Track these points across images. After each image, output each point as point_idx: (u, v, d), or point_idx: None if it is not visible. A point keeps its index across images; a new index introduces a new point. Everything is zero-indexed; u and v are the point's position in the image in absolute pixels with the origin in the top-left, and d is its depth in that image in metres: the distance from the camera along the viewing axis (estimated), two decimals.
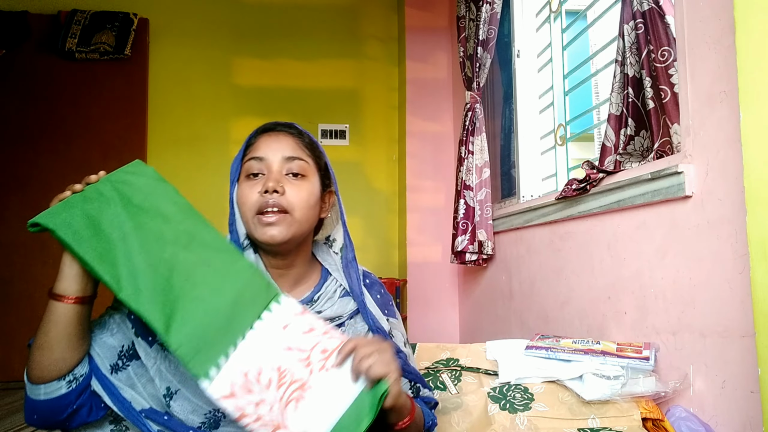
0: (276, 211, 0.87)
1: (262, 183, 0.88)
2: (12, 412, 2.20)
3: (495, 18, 2.28)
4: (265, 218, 0.86)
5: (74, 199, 0.80)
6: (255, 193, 0.88)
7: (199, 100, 3.23)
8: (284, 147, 0.91)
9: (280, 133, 0.93)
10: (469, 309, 2.81)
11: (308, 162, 0.92)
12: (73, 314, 0.80)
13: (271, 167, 0.89)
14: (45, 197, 0.81)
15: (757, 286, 0.85)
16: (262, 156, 0.90)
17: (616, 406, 1.15)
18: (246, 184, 0.90)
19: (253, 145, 0.93)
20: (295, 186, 0.89)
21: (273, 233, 0.86)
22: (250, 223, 0.88)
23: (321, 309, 0.93)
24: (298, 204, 0.88)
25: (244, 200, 0.88)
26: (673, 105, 1.30)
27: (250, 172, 0.90)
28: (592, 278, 1.60)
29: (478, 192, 2.35)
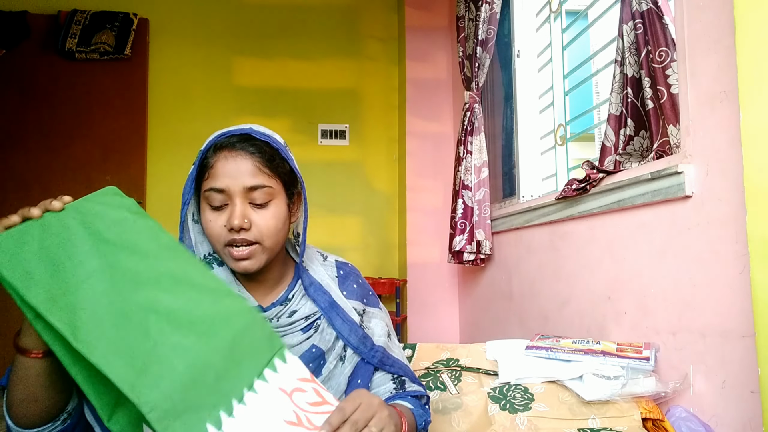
0: (245, 245, 0.85)
1: (226, 215, 0.85)
2: None
3: (494, 18, 2.28)
4: (236, 252, 0.84)
5: (31, 229, 0.63)
6: (220, 226, 0.85)
7: (199, 99, 3.23)
8: (244, 173, 0.84)
9: (238, 154, 0.85)
10: (469, 309, 2.81)
11: (272, 185, 0.87)
12: (46, 367, 0.68)
13: (233, 199, 0.84)
14: (45, 197, 0.75)
15: (757, 286, 0.85)
16: (222, 187, 0.84)
17: (616, 407, 1.15)
18: (210, 213, 0.86)
19: (212, 168, 0.85)
20: (262, 215, 0.86)
21: (245, 266, 0.85)
22: (221, 253, 0.87)
23: (296, 308, 0.93)
24: (267, 233, 0.86)
25: (210, 232, 0.86)
26: (670, 106, 1.30)
27: (211, 204, 0.86)
28: (592, 278, 1.60)
29: (476, 192, 2.35)
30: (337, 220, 3.23)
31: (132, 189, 3.05)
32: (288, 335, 0.91)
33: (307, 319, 0.93)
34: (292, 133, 3.29)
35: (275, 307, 0.92)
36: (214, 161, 0.86)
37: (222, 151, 0.86)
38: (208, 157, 0.87)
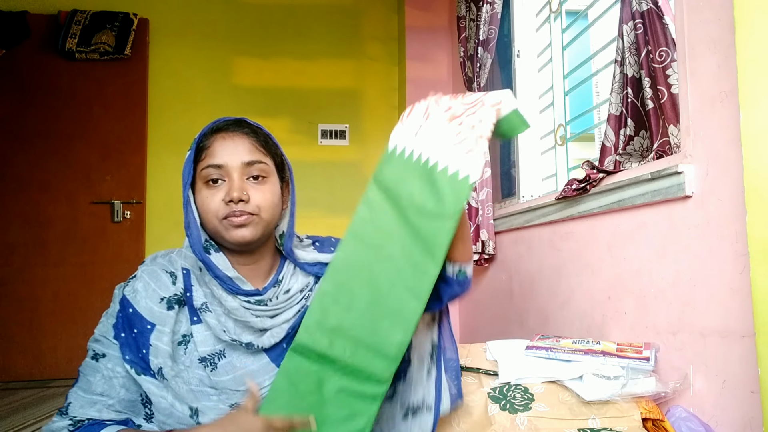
0: (245, 213, 0.88)
1: (224, 190, 0.87)
2: (12, 412, 2.20)
3: (495, 18, 2.28)
4: (236, 220, 0.87)
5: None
6: (218, 201, 0.87)
7: (199, 100, 3.23)
8: (242, 151, 0.89)
9: (234, 134, 0.90)
10: (469, 309, 2.82)
11: (267, 162, 0.92)
12: None
13: (231, 174, 0.88)
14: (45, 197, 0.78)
15: (757, 286, 0.85)
16: (221, 163, 0.88)
17: (616, 407, 1.15)
18: (207, 191, 0.88)
19: (208, 149, 0.89)
20: (259, 189, 0.89)
21: (244, 234, 0.88)
22: (218, 227, 0.88)
23: (288, 287, 0.95)
24: (264, 206, 0.89)
25: (208, 207, 0.88)
26: (670, 106, 1.30)
27: (209, 179, 0.88)
28: (592, 278, 1.60)
29: (480, 192, 2.35)
30: (338, 220, 3.23)
31: (132, 189, 3.05)
32: (286, 310, 0.94)
33: (301, 292, 0.96)
34: (292, 133, 3.29)
35: (270, 288, 0.94)
36: (211, 142, 0.90)
37: (219, 133, 0.91)
38: (205, 140, 0.90)
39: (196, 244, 0.89)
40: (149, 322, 0.87)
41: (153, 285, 0.89)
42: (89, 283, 2.95)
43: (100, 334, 0.89)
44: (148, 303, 0.88)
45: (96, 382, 0.86)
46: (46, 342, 2.92)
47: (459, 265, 0.95)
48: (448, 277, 0.95)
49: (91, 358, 0.88)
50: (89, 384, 0.86)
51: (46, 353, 2.92)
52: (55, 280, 2.95)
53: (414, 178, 0.86)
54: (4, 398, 2.49)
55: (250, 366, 0.90)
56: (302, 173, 3.25)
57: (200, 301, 0.90)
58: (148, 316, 0.87)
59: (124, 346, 0.86)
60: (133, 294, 0.88)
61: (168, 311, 0.88)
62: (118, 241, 3.02)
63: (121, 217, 3.04)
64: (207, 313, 0.89)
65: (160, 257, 0.94)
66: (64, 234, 2.99)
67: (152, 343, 0.86)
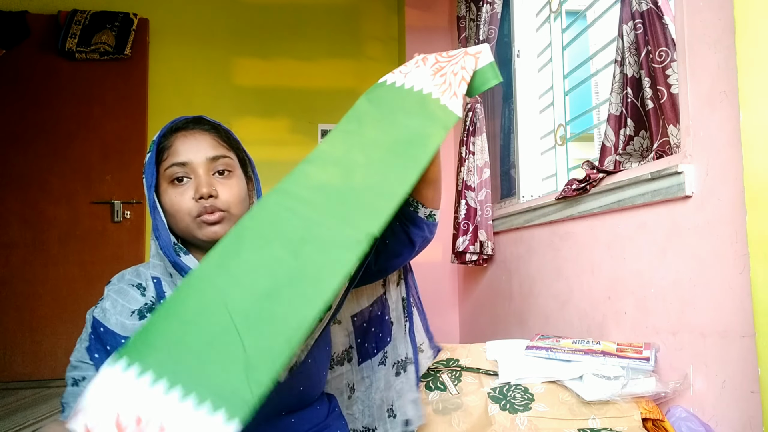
0: (216, 210, 0.87)
1: (192, 188, 0.87)
2: (12, 412, 2.20)
3: (495, 18, 2.28)
4: (209, 217, 0.86)
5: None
6: (188, 200, 0.86)
7: (199, 100, 3.23)
8: (205, 147, 0.88)
9: (195, 131, 0.90)
10: (469, 309, 2.81)
11: (231, 157, 0.91)
12: None
13: (196, 170, 0.87)
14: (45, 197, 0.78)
15: (757, 286, 0.85)
16: (185, 160, 0.87)
17: (616, 407, 1.15)
18: (173, 191, 0.87)
19: (170, 148, 0.88)
20: (226, 185, 0.89)
21: (216, 230, 0.87)
22: (190, 226, 0.87)
23: None
24: (233, 202, 0.89)
25: (178, 207, 0.87)
26: (670, 106, 1.30)
27: (173, 177, 0.87)
28: (592, 278, 1.60)
29: (478, 192, 2.35)
30: None
31: (132, 189, 3.05)
32: None
33: None
34: (292, 133, 3.29)
35: None
36: (172, 141, 0.89)
37: (179, 132, 0.90)
38: (164, 140, 0.89)
39: (166, 246, 0.87)
40: (122, 336, 0.85)
41: (121, 301, 0.87)
42: (89, 283, 2.95)
43: (76, 361, 0.86)
44: (118, 319, 0.86)
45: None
46: (46, 342, 2.92)
47: (430, 210, 1.00)
48: (420, 219, 1.00)
49: (72, 385, 0.85)
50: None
51: (46, 353, 2.92)
52: (55, 280, 2.95)
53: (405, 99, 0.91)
54: (4, 398, 2.50)
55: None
56: None
57: None
58: (120, 332, 0.85)
59: (100, 365, 0.84)
60: (103, 313, 0.86)
61: (140, 321, 0.86)
62: (118, 241, 3.02)
63: (121, 217, 3.04)
64: None
65: (128, 274, 0.92)
66: (64, 234, 2.99)
67: None
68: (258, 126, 3.26)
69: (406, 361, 1.08)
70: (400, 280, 1.12)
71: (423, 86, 0.92)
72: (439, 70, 0.93)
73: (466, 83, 0.90)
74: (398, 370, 1.07)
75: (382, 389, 1.06)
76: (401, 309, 1.10)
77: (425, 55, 0.98)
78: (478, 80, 0.94)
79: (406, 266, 1.12)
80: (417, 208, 1.00)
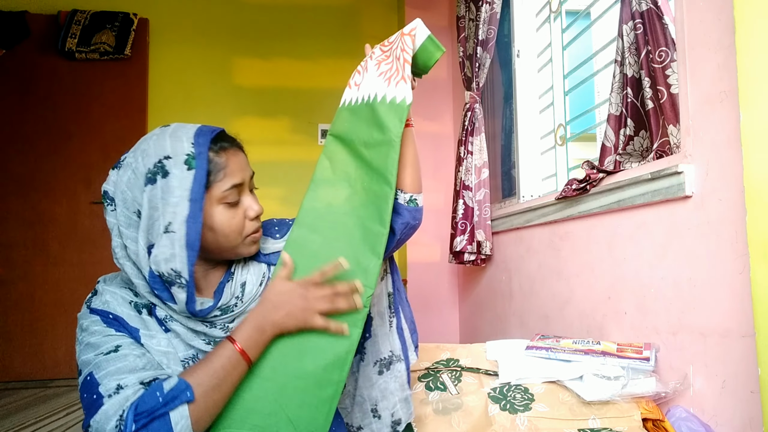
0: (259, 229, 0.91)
1: (241, 208, 0.88)
2: (12, 412, 2.20)
3: (495, 18, 2.28)
4: (257, 236, 0.91)
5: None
6: (241, 219, 0.87)
7: (199, 100, 3.23)
8: (246, 164, 0.90)
9: (236, 149, 0.89)
10: (469, 309, 2.81)
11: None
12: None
13: (245, 190, 0.89)
14: (45, 197, 0.77)
15: (757, 286, 0.85)
16: (241, 182, 0.87)
17: (616, 407, 1.15)
18: (227, 212, 0.85)
19: (226, 168, 0.84)
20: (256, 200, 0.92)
21: (258, 246, 0.93)
22: (238, 245, 0.88)
23: (243, 280, 0.93)
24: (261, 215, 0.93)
25: (233, 228, 0.86)
26: (669, 106, 1.30)
27: (229, 200, 0.85)
28: (592, 278, 1.60)
29: (476, 192, 2.35)
30: None
31: None
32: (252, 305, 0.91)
33: (261, 285, 0.94)
34: (292, 133, 3.29)
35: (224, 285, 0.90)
36: (225, 159, 0.85)
37: (229, 149, 0.88)
38: (216, 156, 0.84)
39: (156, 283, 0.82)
40: (132, 327, 0.82)
41: (120, 293, 0.85)
42: (89, 283, 2.93)
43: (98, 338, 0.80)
44: (123, 310, 0.84)
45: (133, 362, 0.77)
46: (46, 342, 2.92)
47: (410, 195, 1.01)
48: (400, 205, 0.99)
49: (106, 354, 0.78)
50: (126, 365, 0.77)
51: (46, 353, 2.92)
52: (55, 280, 2.95)
53: (360, 120, 0.97)
54: (4, 398, 2.50)
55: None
56: (302, 173, 3.26)
57: (163, 314, 0.86)
58: (129, 321, 0.83)
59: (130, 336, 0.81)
60: (105, 305, 0.83)
61: (140, 315, 0.84)
62: None
63: None
64: (173, 323, 0.85)
65: (109, 279, 0.89)
66: (64, 234, 2.99)
67: (143, 343, 0.82)
68: (258, 126, 3.26)
69: (392, 359, 1.04)
70: (386, 275, 1.09)
71: (373, 91, 0.97)
72: (384, 60, 0.99)
73: (409, 64, 0.94)
74: (381, 369, 1.04)
75: (366, 387, 1.04)
76: (386, 304, 1.08)
77: (372, 50, 1.04)
78: (423, 56, 0.98)
79: (392, 259, 1.11)
80: (396, 195, 0.99)
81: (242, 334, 0.83)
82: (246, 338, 0.83)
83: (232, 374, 0.80)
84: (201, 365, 0.79)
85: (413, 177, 1.02)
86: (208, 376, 0.78)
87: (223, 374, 0.79)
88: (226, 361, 0.80)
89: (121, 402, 0.72)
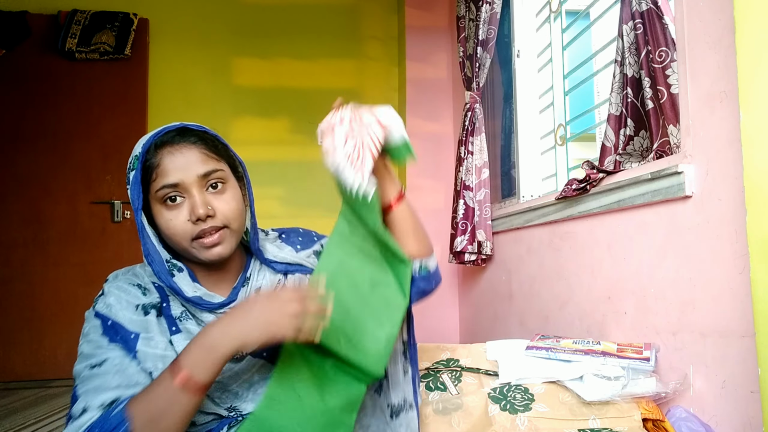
0: (214, 231, 0.84)
1: (186, 208, 0.83)
2: (12, 412, 2.20)
3: (495, 18, 2.28)
4: (208, 240, 0.83)
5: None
6: (183, 221, 0.83)
7: (199, 100, 3.23)
8: (194, 162, 0.83)
9: (182, 146, 0.84)
10: (469, 309, 2.81)
11: (223, 168, 0.87)
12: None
13: (189, 190, 0.83)
14: (45, 197, 0.77)
15: (757, 286, 0.85)
16: (176, 181, 0.82)
17: (616, 407, 1.15)
18: (168, 212, 0.83)
19: (158, 167, 0.82)
20: (222, 199, 0.85)
21: (219, 251, 0.85)
22: (189, 249, 0.84)
23: (258, 285, 0.92)
24: (232, 216, 0.86)
25: (174, 231, 0.83)
26: (670, 106, 1.30)
27: (165, 198, 0.83)
28: (592, 278, 1.60)
29: (477, 192, 2.35)
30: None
31: None
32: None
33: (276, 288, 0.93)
34: (292, 133, 3.29)
35: (239, 289, 0.90)
36: (158, 159, 0.83)
37: (164, 148, 0.84)
38: (150, 158, 0.84)
39: (161, 271, 0.84)
40: (131, 331, 0.82)
41: (124, 296, 0.84)
42: (89, 283, 2.94)
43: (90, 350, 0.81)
44: (125, 314, 0.83)
45: (108, 380, 0.77)
46: (46, 342, 2.92)
47: (419, 261, 0.96)
48: (414, 278, 0.96)
49: (90, 369, 0.78)
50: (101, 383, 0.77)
51: (46, 353, 2.92)
52: (55, 280, 2.95)
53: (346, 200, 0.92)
54: (4, 398, 2.50)
55: (234, 367, 0.88)
56: (302, 173, 3.26)
57: (179, 311, 0.86)
58: (129, 326, 0.82)
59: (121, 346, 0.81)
60: (108, 309, 0.83)
61: (145, 316, 0.84)
62: (118, 241, 3.02)
63: (121, 217, 3.04)
64: (187, 321, 0.86)
65: (121, 274, 0.89)
66: (64, 234, 2.99)
67: (139, 349, 0.81)
68: (258, 126, 3.26)
69: (404, 406, 0.99)
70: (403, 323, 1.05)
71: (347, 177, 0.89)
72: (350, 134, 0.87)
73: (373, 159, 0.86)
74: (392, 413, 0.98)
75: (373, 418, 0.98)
76: (400, 350, 1.02)
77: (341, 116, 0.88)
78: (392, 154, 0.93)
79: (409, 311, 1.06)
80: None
81: (188, 356, 0.73)
82: (192, 360, 0.73)
83: (174, 405, 0.72)
84: (145, 393, 0.74)
85: (417, 244, 0.97)
86: (148, 408, 0.72)
87: (163, 405, 0.72)
88: (164, 391, 0.72)
89: (75, 429, 0.73)
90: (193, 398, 0.73)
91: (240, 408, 0.87)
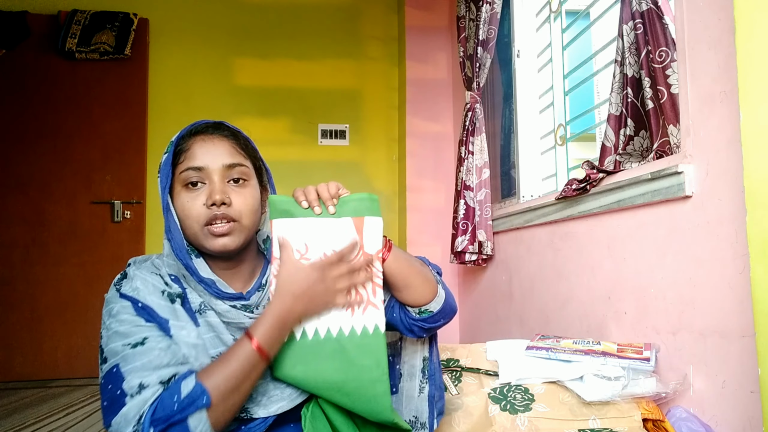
0: (225, 221, 0.86)
1: (205, 193, 0.85)
2: (12, 412, 2.20)
3: (495, 18, 2.28)
4: (216, 229, 0.85)
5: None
6: (199, 205, 0.85)
7: (199, 99, 3.23)
8: (222, 153, 0.87)
9: (214, 136, 0.89)
10: (469, 309, 2.81)
11: (247, 165, 0.90)
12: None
13: (212, 176, 0.86)
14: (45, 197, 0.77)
15: (757, 286, 0.85)
16: (201, 165, 0.86)
17: (616, 407, 1.15)
18: (186, 195, 0.86)
19: (188, 151, 0.87)
20: (240, 194, 0.87)
21: (225, 242, 0.86)
22: (199, 234, 0.86)
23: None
24: (245, 212, 0.87)
25: (188, 213, 0.85)
26: (670, 106, 1.30)
27: (188, 182, 0.86)
28: (592, 278, 1.60)
29: (477, 192, 2.35)
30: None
31: (132, 189, 3.05)
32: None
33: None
34: (292, 133, 3.29)
35: (255, 293, 0.91)
36: (190, 144, 0.88)
37: (198, 136, 0.89)
38: (183, 143, 0.88)
39: (179, 249, 0.86)
40: (162, 317, 0.81)
41: (150, 281, 0.84)
42: (89, 283, 2.95)
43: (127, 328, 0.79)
44: (153, 299, 0.82)
45: (157, 357, 0.76)
46: (46, 342, 2.92)
47: (420, 308, 0.96)
48: (413, 323, 0.97)
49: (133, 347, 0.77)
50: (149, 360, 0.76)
51: (46, 353, 2.92)
52: (55, 280, 2.95)
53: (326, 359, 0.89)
54: (4, 398, 2.49)
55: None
56: (302, 173, 3.25)
57: (198, 302, 0.87)
58: (159, 311, 0.81)
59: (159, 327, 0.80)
60: (135, 291, 0.83)
61: (172, 304, 0.84)
62: (118, 241, 3.02)
63: (121, 217, 3.04)
64: (208, 312, 0.86)
65: (141, 261, 0.89)
66: (64, 234, 2.99)
67: (173, 334, 0.81)
68: (258, 126, 3.26)
69: (417, 424, 1.00)
70: (425, 340, 1.07)
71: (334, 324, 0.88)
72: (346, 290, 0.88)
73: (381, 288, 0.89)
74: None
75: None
76: (419, 367, 1.04)
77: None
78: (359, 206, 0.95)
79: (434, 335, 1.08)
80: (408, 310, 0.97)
81: (262, 331, 0.80)
82: (266, 335, 0.80)
83: (251, 375, 0.78)
84: (219, 365, 0.77)
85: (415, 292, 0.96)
86: (225, 379, 0.76)
87: (241, 376, 0.77)
88: (245, 362, 0.78)
89: (140, 404, 0.72)
90: (264, 367, 0.81)
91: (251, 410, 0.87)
